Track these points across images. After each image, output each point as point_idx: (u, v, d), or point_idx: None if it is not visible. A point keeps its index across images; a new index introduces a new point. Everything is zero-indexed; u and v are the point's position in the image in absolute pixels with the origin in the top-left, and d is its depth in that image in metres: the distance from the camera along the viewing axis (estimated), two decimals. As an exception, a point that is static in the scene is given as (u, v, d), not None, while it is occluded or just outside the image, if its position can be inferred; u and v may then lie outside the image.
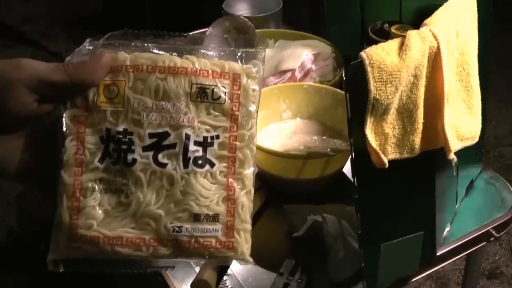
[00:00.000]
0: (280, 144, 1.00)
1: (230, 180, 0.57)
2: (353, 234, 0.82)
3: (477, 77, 0.75)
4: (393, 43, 0.65)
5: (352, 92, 0.63)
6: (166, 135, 0.56)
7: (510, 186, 0.97)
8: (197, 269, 0.81)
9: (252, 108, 0.58)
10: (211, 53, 0.59)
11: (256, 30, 1.24)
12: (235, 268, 0.83)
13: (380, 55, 0.63)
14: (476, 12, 0.75)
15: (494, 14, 0.83)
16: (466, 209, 0.93)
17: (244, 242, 0.59)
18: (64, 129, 0.56)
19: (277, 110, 1.05)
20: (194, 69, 0.57)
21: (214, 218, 0.56)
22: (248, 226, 0.59)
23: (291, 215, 0.89)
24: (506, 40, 2.88)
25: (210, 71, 0.57)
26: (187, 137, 0.56)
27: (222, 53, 0.59)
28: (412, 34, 0.65)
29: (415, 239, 0.77)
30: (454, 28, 0.69)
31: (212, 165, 0.56)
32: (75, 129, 0.56)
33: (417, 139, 0.68)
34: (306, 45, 1.22)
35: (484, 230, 0.90)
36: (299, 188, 0.96)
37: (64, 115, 0.56)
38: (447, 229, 0.88)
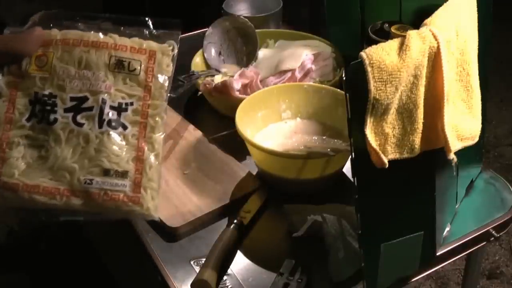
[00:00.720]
0: (280, 144, 1.00)
1: (141, 142, 0.65)
2: (353, 234, 0.82)
3: (477, 77, 0.75)
4: (393, 43, 0.65)
5: (352, 92, 0.63)
6: (85, 99, 0.65)
7: (510, 186, 0.97)
8: (197, 269, 0.81)
9: (165, 81, 0.67)
10: (133, 33, 0.69)
11: (256, 30, 1.25)
12: (235, 268, 0.83)
13: (380, 55, 0.63)
14: (476, 12, 0.75)
15: (494, 14, 0.83)
16: (466, 209, 0.93)
17: (150, 198, 0.65)
18: None
19: (277, 110, 1.05)
20: (115, 44, 0.66)
21: (123, 174, 0.64)
22: (155, 185, 0.65)
23: (291, 215, 0.89)
24: (506, 40, 2.88)
25: (128, 47, 0.67)
26: (104, 101, 0.64)
27: (143, 34, 0.69)
28: (412, 34, 0.65)
29: (415, 239, 0.77)
30: (454, 28, 0.69)
31: (125, 128, 0.65)
32: (8, 92, 0.65)
33: (417, 139, 0.68)
34: (306, 45, 1.22)
35: (484, 230, 0.90)
36: (299, 188, 0.96)
37: (0, 80, 0.65)
38: (447, 229, 0.88)
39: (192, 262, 0.83)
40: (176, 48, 0.69)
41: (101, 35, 0.67)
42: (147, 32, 0.69)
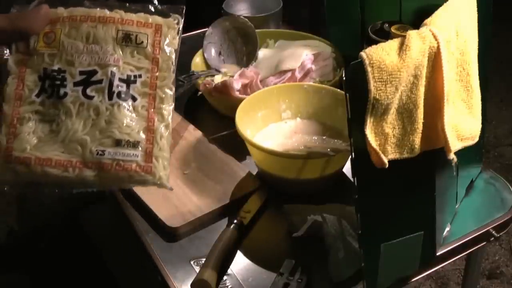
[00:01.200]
0: (280, 144, 1.00)
1: (151, 113, 0.66)
2: (353, 234, 0.82)
3: (477, 77, 0.75)
4: (393, 43, 0.65)
5: (352, 92, 0.64)
6: (94, 72, 0.65)
7: (510, 186, 0.97)
8: (197, 269, 0.81)
9: (172, 53, 0.68)
10: (139, 9, 0.70)
11: (256, 30, 1.25)
12: (235, 268, 0.83)
13: (380, 55, 0.63)
14: (476, 12, 0.75)
15: (494, 14, 0.83)
16: (466, 209, 0.93)
17: (162, 168, 0.66)
18: (8, 69, 0.66)
19: (277, 110, 1.05)
20: (121, 18, 0.67)
21: (135, 144, 0.65)
22: (166, 155, 0.66)
23: (291, 215, 0.89)
24: (506, 40, 2.88)
25: (135, 21, 0.68)
26: (113, 74, 0.65)
27: (148, 9, 0.70)
28: (412, 34, 0.65)
29: (415, 239, 0.77)
30: (454, 28, 0.69)
31: (134, 99, 0.66)
32: (17, 69, 0.66)
33: (417, 139, 0.68)
34: (306, 45, 1.22)
35: (484, 230, 0.90)
36: (299, 188, 0.96)
37: (9, 59, 0.66)
38: (447, 229, 0.88)
39: (192, 262, 0.83)
40: (181, 21, 0.70)
41: (107, 11, 0.68)
42: (152, 8, 0.70)
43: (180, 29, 0.70)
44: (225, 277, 0.82)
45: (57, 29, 0.67)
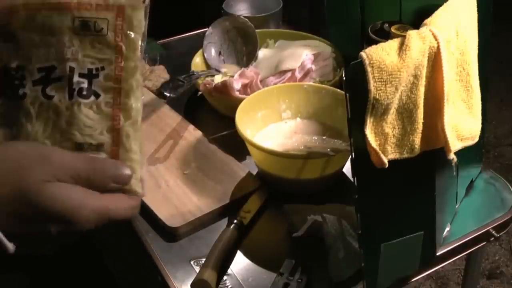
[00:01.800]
0: (280, 144, 1.00)
1: (115, 110, 0.58)
2: (353, 234, 0.82)
3: (477, 77, 0.75)
4: (393, 43, 0.65)
5: (352, 92, 0.63)
6: (52, 68, 0.58)
7: (510, 186, 0.97)
8: (197, 269, 0.81)
9: (137, 39, 0.59)
10: None
11: (256, 30, 1.25)
12: (235, 268, 0.83)
13: (380, 55, 0.63)
14: (476, 12, 0.75)
15: (494, 14, 0.83)
16: (466, 209, 0.93)
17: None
18: None
19: (277, 110, 1.05)
20: (77, 3, 0.58)
21: (98, 147, 0.58)
22: (135, 156, 0.59)
23: (291, 215, 0.89)
24: (506, 40, 2.88)
25: (93, 5, 0.58)
26: (71, 69, 0.58)
27: None
28: (412, 34, 0.65)
29: (415, 239, 0.77)
30: (454, 28, 0.69)
31: (97, 96, 0.58)
32: None
33: (417, 139, 0.68)
34: (306, 45, 1.22)
35: (484, 230, 0.90)
36: (299, 188, 0.96)
37: None
38: (447, 229, 0.88)
39: (192, 262, 0.83)
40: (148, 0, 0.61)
41: None
42: None
43: (147, 7, 0.61)
44: (225, 277, 0.82)
45: (13, 20, 0.59)
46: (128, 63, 0.59)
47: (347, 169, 0.98)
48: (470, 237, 0.89)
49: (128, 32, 0.59)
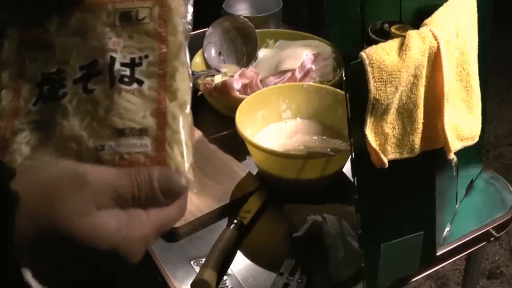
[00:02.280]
0: (280, 144, 1.00)
1: (160, 93, 0.55)
2: (353, 234, 0.82)
3: (477, 77, 0.75)
4: (393, 43, 0.65)
5: (352, 92, 0.63)
6: (94, 64, 0.56)
7: (510, 186, 0.97)
8: (197, 269, 0.81)
9: (178, 23, 0.57)
10: None
11: (256, 30, 1.25)
12: (235, 268, 0.83)
13: (380, 55, 0.63)
14: (476, 12, 0.75)
15: (494, 14, 0.83)
16: (466, 209, 0.93)
17: (179, 155, 0.53)
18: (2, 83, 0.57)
19: (277, 110, 1.05)
20: None
21: (141, 131, 0.53)
22: (184, 138, 0.53)
23: (291, 215, 0.89)
24: (506, 40, 2.88)
25: None
26: (112, 59, 0.55)
27: None
28: (412, 34, 0.65)
29: (415, 239, 0.77)
30: (454, 28, 0.69)
31: (140, 83, 0.55)
32: (11, 82, 0.57)
33: (417, 139, 0.68)
34: (306, 45, 1.22)
35: (484, 230, 0.90)
36: (299, 188, 0.96)
37: (2, 75, 0.57)
38: (447, 229, 0.88)
39: (192, 262, 0.83)
40: None
41: None
42: None
43: None
44: (225, 277, 0.82)
45: (45, 28, 0.58)
46: (172, 48, 0.56)
47: (347, 169, 0.98)
48: (470, 237, 0.89)
49: (171, 18, 0.57)
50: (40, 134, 0.55)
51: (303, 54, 1.17)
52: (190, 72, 0.57)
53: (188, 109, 0.55)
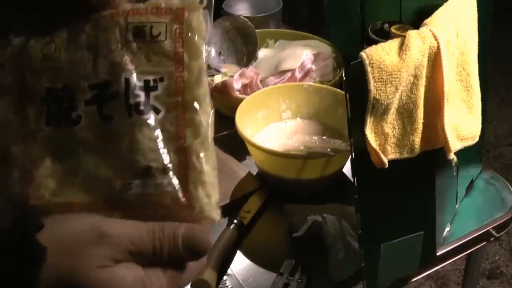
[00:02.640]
0: (280, 144, 1.00)
1: (180, 127, 0.51)
2: (353, 234, 0.82)
3: (477, 77, 0.75)
4: (393, 43, 0.65)
5: (352, 92, 0.63)
6: (106, 84, 0.51)
7: (510, 186, 0.97)
8: (197, 269, 0.81)
9: (200, 44, 0.52)
10: None
11: (256, 30, 1.25)
12: (235, 268, 0.83)
13: (380, 55, 0.63)
14: (476, 12, 0.75)
15: (494, 14, 0.83)
16: (466, 209, 0.93)
17: (204, 196, 0.50)
18: None
19: (277, 110, 1.05)
20: (126, 10, 0.51)
21: (165, 171, 0.50)
22: (208, 178, 0.50)
23: (291, 215, 0.89)
24: (506, 40, 2.88)
25: (147, 9, 0.51)
26: (127, 82, 0.50)
27: None
28: (412, 34, 0.65)
29: (415, 239, 0.77)
30: (454, 28, 0.69)
31: (157, 111, 0.51)
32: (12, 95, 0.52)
33: (417, 139, 0.68)
34: (306, 45, 1.22)
35: (484, 230, 0.90)
36: (299, 188, 0.96)
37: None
38: (447, 229, 0.88)
39: (192, 262, 0.83)
40: (206, 1, 0.53)
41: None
42: None
43: (209, 5, 0.53)
44: (225, 277, 0.82)
45: (51, 39, 0.53)
46: (191, 72, 0.51)
47: (347, 169, 0.98)
48: (470, 237, 0.89)
49: (190, 36, 0.52)
50: (62, 166, 0.51)
51: (303, 54, 1.17)
52: (211, 101, 0.51)
53: (211, 144, 0.51)
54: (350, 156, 0.67)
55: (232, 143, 1.01)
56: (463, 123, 0.73)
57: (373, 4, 1.12)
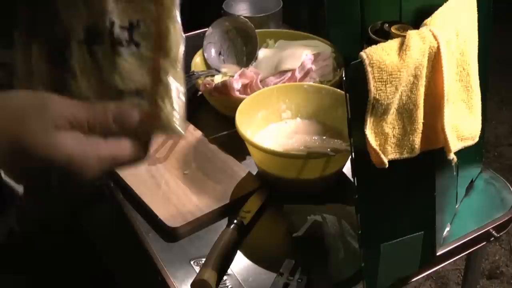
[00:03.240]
0: (280, 144, 1.00)
1: (155, 52, 0.59)
2: (353, 234, 0.82)
3: (477, 77, 0.75)
4: (393, 43, 0.65)
5: (352, 92, 0.64)
6: (95, 25, 0.60)
7: (510, 186, 0.97)
8: (197, 269, 0.81)
9: None
10: None
11: (256, 30, 1.25)
12: (235, 268, 0.83)
13: (380, 55, 0.63)
14: (476, 12, 0.75)
15: (494, 14, 0.83)
16: (466, 209, 0.93)
17: (169, 107, 0.58)
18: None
19: (277, 110, 1.05)
20: None
21: (138, 91, 0.58)
22: (174, 94, 0.58)
23: (291, 215, 0.89)
24: (506, 40, 2.88)
25: None
26: (111, 23, 0.59)
27: None
28: (412, 34, 0.65)
29: (415, 239, 0.77)
30: (454, 28, 0.69)
31: (137, 45, 0.60)
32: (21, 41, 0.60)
33: (417, 139, 0.68)
34: (306, 45, 1.22)
35: (484, 230, 0.90)
36: (299, 188, 0.96)
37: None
38: (447, 229, 0.88)
39: (192, 262, 0.83)
40: None
41: None
42: None
43: None
44: (225, 277, 0.82)
45: None
46: (167, 6, 0.59)
47: (347, 169, 0.98)
48: (470, 237, 0.89)
49: None
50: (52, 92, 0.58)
51: (303, 54, 1.17)
52: (182, 32, 0.60)
53: (179, 67, 0.59)
54: (350, 156, 0.67)
55: (232, 143, 1.01)
56: (463, 123, 0.73)
57: (373, 4, 1.12)
